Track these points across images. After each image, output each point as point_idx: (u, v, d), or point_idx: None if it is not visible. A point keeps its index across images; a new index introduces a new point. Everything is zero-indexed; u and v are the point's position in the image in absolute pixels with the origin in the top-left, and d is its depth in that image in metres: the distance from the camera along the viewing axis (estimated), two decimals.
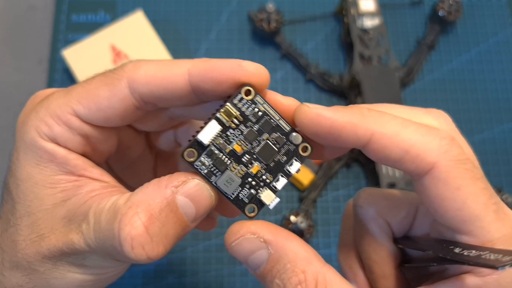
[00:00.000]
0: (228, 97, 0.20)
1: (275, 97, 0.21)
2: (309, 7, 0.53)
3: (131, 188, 0.28)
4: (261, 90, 0.20)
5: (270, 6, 0.49)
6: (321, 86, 0.50)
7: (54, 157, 0.21)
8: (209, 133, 0.19)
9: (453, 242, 0.19)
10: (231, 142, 0.20)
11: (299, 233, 0.42)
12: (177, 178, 0.20)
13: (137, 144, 0.27)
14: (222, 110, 0.19)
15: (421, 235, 0.22)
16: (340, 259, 0.25)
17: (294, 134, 0.20)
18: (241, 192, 0.20)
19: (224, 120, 0.20)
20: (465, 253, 0.17)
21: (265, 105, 0.20)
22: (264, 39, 0.51)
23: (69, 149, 0.21)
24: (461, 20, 0.53)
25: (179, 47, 0.51)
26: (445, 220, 0.19)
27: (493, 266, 0.16)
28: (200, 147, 0.19)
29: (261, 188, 0.20)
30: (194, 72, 0.20)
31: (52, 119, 0.21)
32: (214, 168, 0.20)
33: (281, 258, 0.19)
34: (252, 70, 0.19)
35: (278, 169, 0.20)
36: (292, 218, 0.42)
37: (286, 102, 0.21)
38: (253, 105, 0.20)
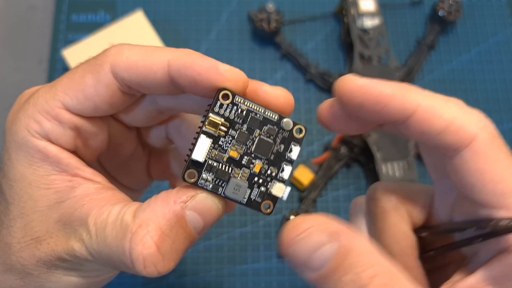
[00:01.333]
0: (209, 106, 0.20)
1: (262, 87, 0.20)
2: (309, 7, 0.53)
3: (124, 187, 0.28)
4: (240, 93, 0.20)
5: (270, 6, 0.49)
6: (321, 86, 0.50)
7: (47, 156, 0.21)
8: (201, 149, 0.19)
9: (487, 219, 0.19)
10: (225, 150, 0.20)
11: None
12: (185, 193, 0.19)
13: (128, 141, 0.26)
14: (206, 122, 0.19)
15: (441, 223, 0.22)
16: None
17: (284, 120, 0.20)
18: (252, 194, 0.20)
19: (211, 132, 0.19)
20: None
21: (246, 103, 0.20)
22: (264, 39, 0.51)
23: (61, 146, 0.21)
24: (461, 20, 0.53)
25: (179, 47, 0.50)
26: (483, 194, 0.19)
27: None
28: (198, 165, 0.19)
29: (269, 183, 0.20)
30: (173, 65, 0.19)
31: (41, 115, 0.20)
32: (218, 180, 0.20)
33: (351, 251, 0.17)
34: (228, 75, 0.19)
35: (280, 159, 0.20)
36: (292, 218, 0.42)
37: (274, 92, 0.20)
38: (235, 107, 0.19)
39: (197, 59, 0.19)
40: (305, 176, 0.45)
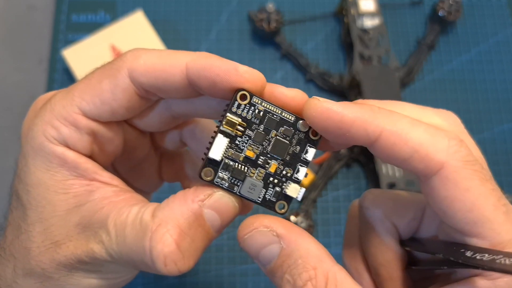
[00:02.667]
0: (227, 106, 0.20)
1: (278, 89, 0.21)
2: (309, 7, 0.53)
3: (137, 189, 0.28)
4: (258, 93, 0.20)
5: (270, 6, 0.49)
6: (321, 86, 0.50)
7: (65, 161, 0.21)
8: (218, 148, 0.19)
9: (463, 245, 0.19)
10: (242, 149, 0.20)
11: None
12: (202, 192, 0.20)
13: (142, 145, 0.27)
14: (224, 122, 0.19)
15: (429, 237, 0.22)
16: (345, 261, 0.25)
17: (300, 122, 0.20)
18: (267, 193, 0.20)
19: (229, 131, 0.20)
20: (478, 257, 0.17)
21: (263, 104, 0.20)
22: (264, 39, 0.51)
23: (78, 151, 0.21)
24: (461, 20, 0.53)
25: (179, 47, 0.50)
26: (454, 222, 0.18)
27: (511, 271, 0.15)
28: (215, 164, 0.20)
29: (284, 184, 0.20)
30: (191, 67, 0.20)
31: (59, 121, 0.21)
32: (234, 179, 0.20)
33: (293, 253, 0.18)
34: (247, 77, 0.19)
35: (295, 160, 0.20)
36: (292, 218, 0.42)
37: (290, 94, 0.20)
38: (252, 107, 0.20)
39: (215, 61, 0.19)
40: None
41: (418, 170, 0.18)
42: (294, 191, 0.21)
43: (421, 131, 0.18)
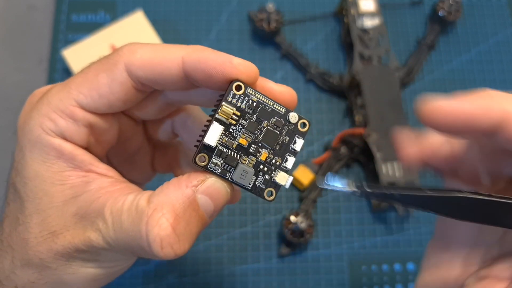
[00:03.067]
0: (222, 96, 0.21)
1: (268, 84, 0.22)
2: (309, 7, 0.53)
3: (130, 181, 0.28)
4: (251, 84, 0.21)
5: (270, 6, 0.49)
6: (321, 86, 0.50)
7: (61, 153, 0.21)
8: (214, 135, 0.20)
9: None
10: (235, 137, 0.21)
11: (299, 233, 0.42)
12: (195, 178, 0.21)
13: (135, 135, 0.27)
14: (219, 110, 0.20)
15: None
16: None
17: (290, 114, 0.21)
18: (257, 180, 0.21)
19: (223, 119, 0.20)
20: None
21: (257, 95, 0.21)
22: (264, 39, 0.51)
23: (75, 143, 0.22)
24: (461, 20, 0.53)
25: None
26: None
27: None
28: (209, 149, 0.20)
29: (273, 172, 0.22)
30: (187, 60, 0.20)
31: (56, 113, 0.21)
32: (227, 165, 0.21)
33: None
34: (241, 69, 0.20)
35: (285, 150, 0.22)
36: (292, 218, 0.42)
37: (278, 89, 0.22)
38: (246, 98, 0.21)
39: (210, 54, 0.20)
40: (305, 176, 0.45)
41: None
42: (283, 179, 0.22)
43: None
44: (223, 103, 0.20)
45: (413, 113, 0.50)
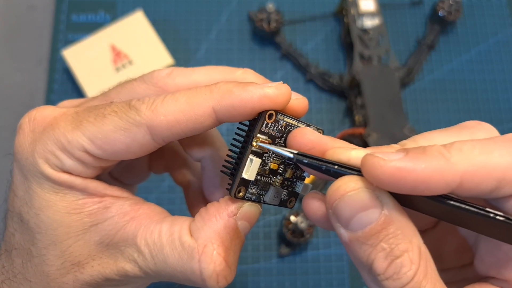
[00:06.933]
0: (252, 126, 0.20)
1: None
2: (309, 7, 0.53)
3: (126, 185, 0.28)
4: (283, 110, 0.20)
5: (270, 6, 0.49)
6: (321, 86, 0.50)
7: (73, 185, 0.20)
8: (253, 169, 0.20)
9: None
10: (267, 163, 0.21)
11: (299, 233, 0.42)
12: (233, 205, 0.21)
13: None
14: (254, 143, 0.20)
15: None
16: None
17: (310, 128, 0.22)
18: (282, 195, 0.22)
19: (259, 151, 0.20)
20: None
21: (285, 119, 0.21)
22: (264, 39, 0.51)
23: (84, 177, 0.21)
24: (461, 20, 0.53)
25: (179, 47, 0.51)
26: None
27: None
28: (246, 182, 0.20)
29: (295, 184, 0.22)
30: (220, 110, 0.19)
31: (63, 153, 0.20)
32: (261, 191, 0.21)
33: (393, 222, 0.17)
34: (279, 100, 0.19)
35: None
36: (292, 218, 0.42)
37: (296, 103, 0.21)
38: (276, 124, 0.20)
39: (241, 93, 0.19)
40: None
41: (508, 194, 0.17)
42: (305, 188, 0.22)
43: (497, 156, 0.16)
44: (259, 135, 0.20)
45: (413, 113, 0.50)
